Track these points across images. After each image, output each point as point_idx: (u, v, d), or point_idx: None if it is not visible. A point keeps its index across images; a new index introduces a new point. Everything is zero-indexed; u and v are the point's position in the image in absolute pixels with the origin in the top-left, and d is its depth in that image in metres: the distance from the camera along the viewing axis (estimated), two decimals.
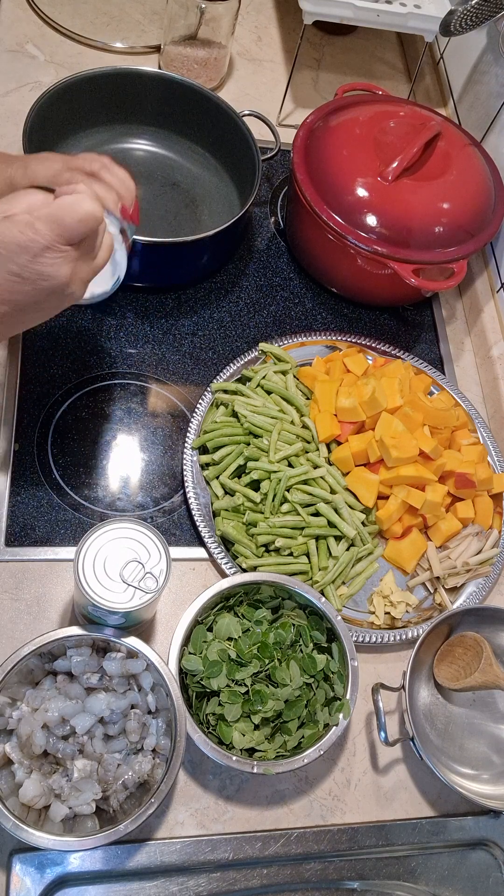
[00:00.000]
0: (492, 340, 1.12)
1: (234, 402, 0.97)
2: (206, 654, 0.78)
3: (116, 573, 0.72)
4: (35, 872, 0.73)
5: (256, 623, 0.81)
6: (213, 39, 1.21)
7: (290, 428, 0.95)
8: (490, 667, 0.84)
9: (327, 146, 1.05)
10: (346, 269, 1.08)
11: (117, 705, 0.74)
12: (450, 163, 1.06)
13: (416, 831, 0.82)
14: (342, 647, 0.81)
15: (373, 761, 0.85)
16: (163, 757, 0.75)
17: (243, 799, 0.80)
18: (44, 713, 0.73)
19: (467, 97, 1.26)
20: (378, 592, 0.93)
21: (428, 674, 0.90)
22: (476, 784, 0.85)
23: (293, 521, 0.90)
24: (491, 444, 1.05)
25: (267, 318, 1.11)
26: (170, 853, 0.76)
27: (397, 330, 1.15)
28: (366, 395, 0.95)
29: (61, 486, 0.92)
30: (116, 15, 1.30)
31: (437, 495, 0.93)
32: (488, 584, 0.95)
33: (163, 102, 1.14)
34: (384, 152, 1.03)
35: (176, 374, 1.03)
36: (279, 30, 1.40)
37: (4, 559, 0.87)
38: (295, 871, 0.78)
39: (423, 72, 1.38)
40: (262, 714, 0.76)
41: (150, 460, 0.96)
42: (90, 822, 0.72)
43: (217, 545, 0.90)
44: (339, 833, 0.80)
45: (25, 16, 1.27)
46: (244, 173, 1.10)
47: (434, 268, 1.03)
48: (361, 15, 1.13)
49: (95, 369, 1.00)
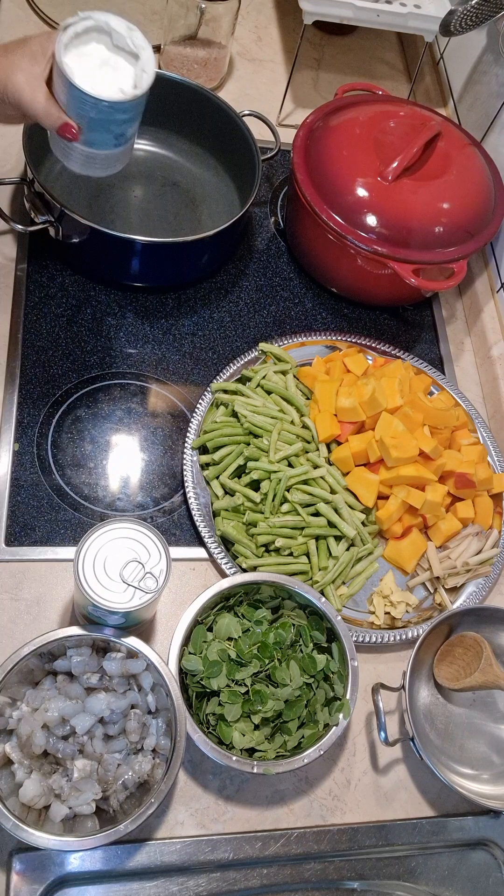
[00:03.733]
0: (492, 340, 1.12)
1: (234, 402, 0.97)
2: (206, 654, 0.78)
3: (116, 573, 0.72)
4: (35, 872, 0.73)
5: (256, 623, 0.81)
6: (213, 39, 1.21)
7: (290, 428, 0.95)
8: (490, 667, 0.84)
9: (327, 146, 1.05)
10: (346, 269, 1.08)
11: (117, 705, 0.74)
12: (450, 163, 1.06)
13: (416, 831, 0.82)
14: (342, 647, 0.81)
15: (373, 761, 0.85)
16: (163, 757, 0.75)
17: (243, 799, 0.80)
18: (44, 713, 0.73)
19: (467, 97, 1.26)
20: (378, 592, 0.93)
21: (428, 674, 0.90)
22: (476, 784, 0.85)
23: (293, 521, 0.90)
24: (491, 444, 1.05)
25: (267, 318, 1.11)
26: (170, 853, 0.76)
27: (397, 330, 1.15)
28: (366, 395, 0.95)
29: (61, 486, 0.92)
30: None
31: (437, 495, 0.93)
32: (488, 584, 0.95)
33: (163, 102, 1.14)
34: (384, 152, 1.03)
35: (176, 374, 1.03)
36: (279, 30, 1.40)
37: (4, 559, 0.87)
38: (295, 871, 0.78)
39: (423, 72, 1.38)
40: (262, 714, 0.76)
41: (150, 460, 0.96)
42: (90, 822, 0.72)
43: (217, 545, 0.90)
44: (339, 833, 0.80)
45: (25, 16, 1.27)
46: (244, 173, 1.10)
47: (434, 268, 1.03)
48: (361, 15, 1.13)
49: (95, 369, 1.00)
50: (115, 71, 0.76)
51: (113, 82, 0.75)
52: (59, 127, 0.75)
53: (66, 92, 0.73)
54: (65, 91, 0.73)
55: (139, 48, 0.76)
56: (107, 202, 1.10)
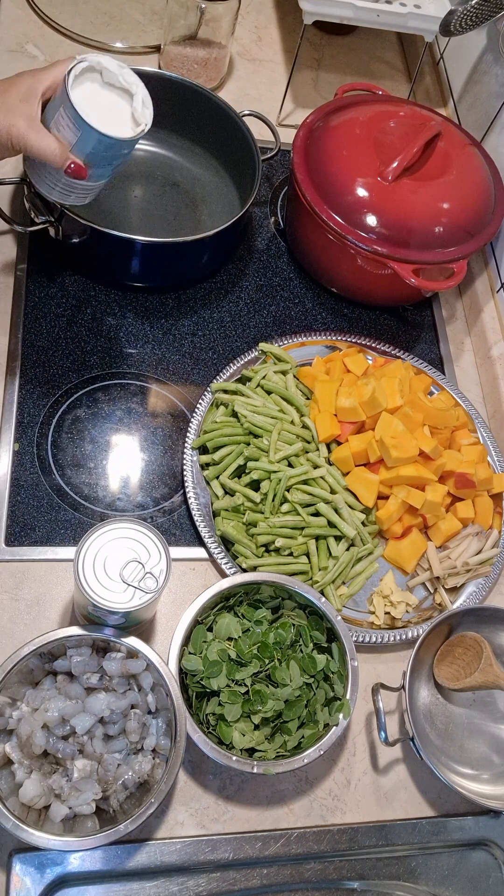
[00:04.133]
0: (492, 340, 1.12)
1: (234, 402, 0.97)
2: (206, 654, 0.78)
3: (116, 573, 0.72)
4: (35, 872, 0.73)
5: (256, 623, 0.81)
6: (213, 39, 1.21)
7: (290, 428, 0.95)
8: (490, 667, 0.84)
9: (327, 146, 1.05)
10: (346, 269, 1.08)
11: (117, 705, 0.74)
12: (450, 163, 1.06)
13: (416, 831, 0.82)
14: (342, 647, 0.81)
15: (373, 761, 0.85)
16: (163, 757, 0.75)
17: (243, 799, 0.80)
18: (44, 713, 0.73)
19: (467, 97, 1.26)
20: (378, 592, 0.93)
21: (428, 674, 0.90)
22: (476, 784, 0.85)
23: (293, 521, 0.90)
24: (491, 444, 1.05)
25: (267, 318, 1.11)
26: (170, 853, 0.76)
27: (397, 330, 1.15)
28: (366, 395, 0.95)
29: (61, 486, 0.92)
30: (116, 15, 1.30)
31: (437, 495, 0.93)
32: (488, 584, 0.95)
33: (163, 102, 1.13)
34: (384, 152, 1.03)
35: (176, 374, 1.03)
36: (279, 30, 1.40)
37: (4, 559, 0.87)
38: (295, 871, 0.78)
39: (423, 72, 1.38)
40: (262, 714, 0.76)
41: (150, 460, 0.96)
42: (90, 822, 0.72)
43: (217, 545, 0.90)
44: (339, 833, 0.80)
45: (25, 16, 1.27)
46: (244, 173, 1.10)
47: (434, 268, 1.03)
48: (361, 15, 1.13)
49: (95, 369, 1.00)
50: (113, 108, 0.79)
51: (115, 119, 0.78)
52: (69, 167, 0.77)
53: (75, 132, 0.75)
54: (74, 131, 0.75)
55: (130, 84, 0.78)
56: (107, 202, 1.10)
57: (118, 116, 0.79)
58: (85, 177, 0.79)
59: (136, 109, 0.79)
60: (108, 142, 0.76)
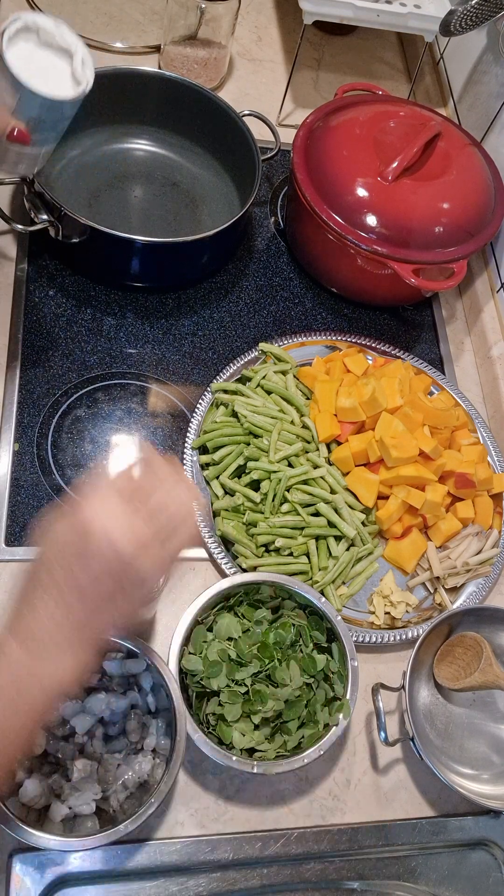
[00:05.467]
0: (492, 340, 1.12)
1: (234, 402, 0.97)
2: (206, 654, 0.78)
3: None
4: (35, 872, 0.73)
5: (256, 623, 0.81)
6: (213, 39, 1.21)
7: (290, 428, 0.95)
8: (490, 667, 0.84)
9: (327, 146, 1.05)
10: (346, 269, 1.08)
11: (117, 705, 0.74)
12: (450, 163, 1.06)
13: (416, 831, 0.82)
14: (342, 647, 0.81)
15: (373, 761, 0.85)
16: (163, 757, 0.75)
17: (243, 799, 0.80)
18: None
19: (467, 97, 1.26)
20: (378, 592, 0.93)
21: (428, 674, 0.90)
22: (476, 784, 0.85)
23: (293, 521, 0.90)
24: (491, 444, 1.05)
25: (267, 318, 1.11)
26: (170, 853, 0.76)
27: (397, 330, 1.15)
28: (366, 395, 0.95)
29: (61, 487, 0.92)
30: (116, 15, 1.30)
31: (437, 495, 0.93)
32: (488, 584, 0.95)
33: (163, 102, 1.14)
34: (384, 152, 1.03)
35: (176, 374, 1.03)
36: (279, 30, 1.40)
37: (4, 559, 0.87)
38: (295, 871, 0.78)
39: (423, 72, 1.38)
40: (262, 714, 0.76)
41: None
42: (90, 822, 0.72)
43: (217, 545, 0.90)
44: (339, 833, 0.80)
45: None
46: (244, 173, 1.10)
47: (434, 268, 1.03)
48: (361, 15, 1.13)
49: (95, 369, 1.00)
50: (52, 69, 0.75)
51: (54, 80, 0.74)
52: (11, 133, 0.73)
53: (13, 95, 0.72)
54: (12, 94, 0.72)
55: (69, 43, 0.75)
56: (107, 202, 1.10)
57: (58, 77, 0.75)
58: (28, 142, 0.75)
59: (76, 69, 0.75)
60: (48, 104, 0.73)
